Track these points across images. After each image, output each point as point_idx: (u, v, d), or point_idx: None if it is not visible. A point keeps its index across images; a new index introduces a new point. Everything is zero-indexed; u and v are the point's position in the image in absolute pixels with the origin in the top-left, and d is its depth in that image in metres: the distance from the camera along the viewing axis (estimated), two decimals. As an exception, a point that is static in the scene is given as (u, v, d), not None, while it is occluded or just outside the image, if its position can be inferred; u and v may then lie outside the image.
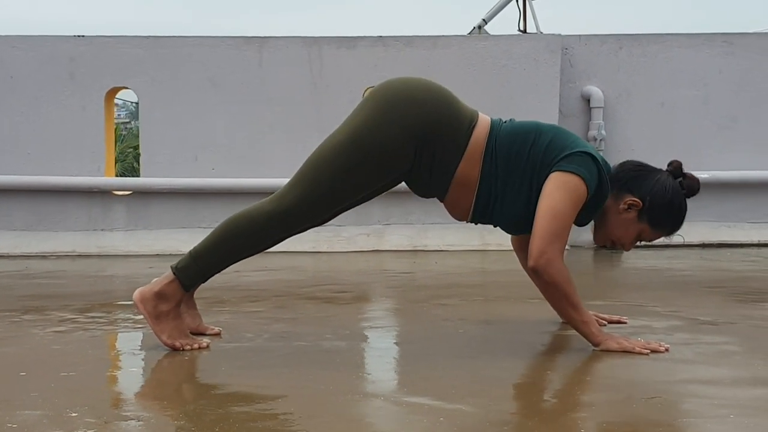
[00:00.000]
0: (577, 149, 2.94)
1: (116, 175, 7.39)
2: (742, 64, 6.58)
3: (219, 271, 3.06)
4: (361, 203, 3.23)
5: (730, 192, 6.56)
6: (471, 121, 3.02)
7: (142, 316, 3.07)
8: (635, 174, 3.11)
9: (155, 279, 3.02)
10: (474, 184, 3.00)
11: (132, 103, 22.50)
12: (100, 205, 6.53)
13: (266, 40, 6.53)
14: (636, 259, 5.81)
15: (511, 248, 3.58)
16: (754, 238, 6.50)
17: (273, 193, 3.09)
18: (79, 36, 6.55)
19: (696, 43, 6.60)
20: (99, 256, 6.27)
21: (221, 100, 6.54)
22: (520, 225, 3.07)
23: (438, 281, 4.97)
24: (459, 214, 3.15)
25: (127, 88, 6.67)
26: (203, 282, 3.07)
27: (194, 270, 3.00)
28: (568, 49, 6.62)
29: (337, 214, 3.19)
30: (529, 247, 2.88)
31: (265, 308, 3.93)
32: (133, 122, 30.10)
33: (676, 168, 3.20)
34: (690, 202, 3.14)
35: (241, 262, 3.09)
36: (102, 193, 6.51)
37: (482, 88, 6.40)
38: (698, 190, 3.18)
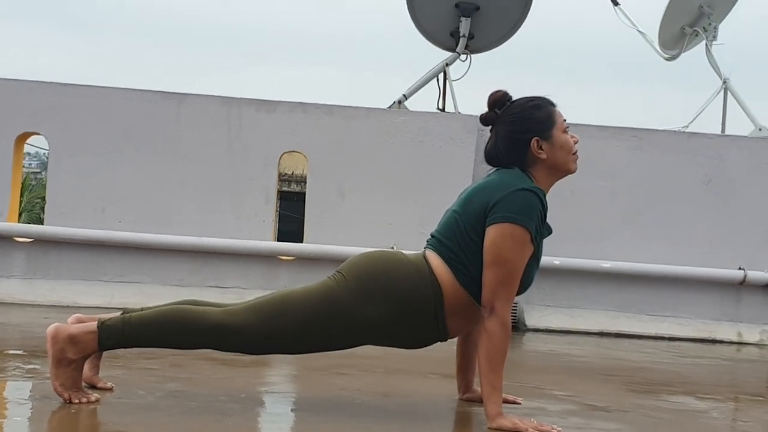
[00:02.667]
0: (501, 195, 2.98)
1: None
2: (650, 160, 6.75)
3: (139, 346, 2.97)
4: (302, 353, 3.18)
5: (631, 283, 6.67)
6: (428, 267, 3.06)
7: (31, 366, 2.97)
8: (502, 147, 3.19)
9: (78, 316, 2.93)
10: (468, 302, 3.03)
11: (45, 152, 22.12)
12: (0, 251, 6.35)
13: (185, 96, 6.50)
14: (537, 343, 5.85)
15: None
16: (652, 330, 6.61)
17: (179, 251, 3.04)
18: (-7, 78, 6.44)
19: (606, 135, 6.76)
20: (-7, 302, 6.08)
21: (134, 153, 6.46)
22: None
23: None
24: (468, 327, 3.19)
25: (38, 134, 6.55)
26: (121, 348, 2.97)
27: (119, 335, 2.91)
28: (483, 131, 6.72)
29: (272, 353, 3.14)
30: (482, 297, 2.94)
31: (161, 366, 3.84)
32: (43, 172, 29.58)
33: (487, 117, 3.29)
34: (591, 291, 3.22)
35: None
36: (2, 239, 6.34)
37: (399, 162, 6.45)
38: (503, 94, 3.25)
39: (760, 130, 7.52)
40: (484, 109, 3.30)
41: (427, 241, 3.19)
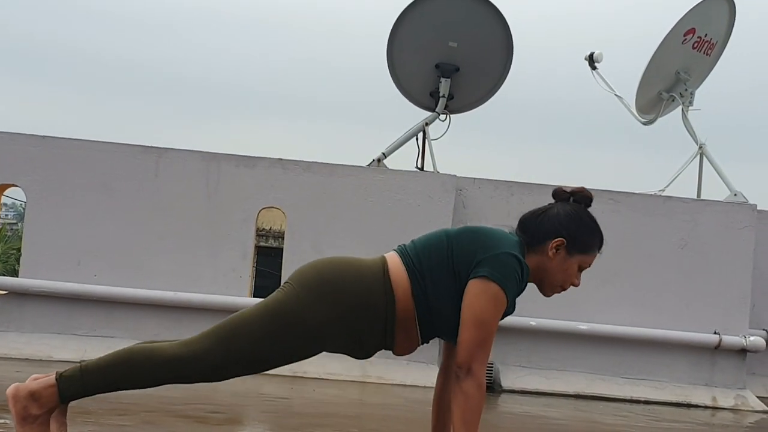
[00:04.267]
0: (496, 252, 2.99)
1: (-6, 273, 7.15)
2: (626, 222, 6.79)
3: (101, 392, 2.95)
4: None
5: (607, 345, 6.67)
6: (383, 270, 3.06)
7: (2, 421, 2.93)
8: (539, 220, 3.17)
9: (35, 375, 2.90)
10: (413, 315, 3.02)
11: (21, 203, 22.04)
12: (-27, 303, 6.29)
13: (165, 151, 6.51)
14: (512, 404, 5.83)
15: (390, 382, 3.58)
16: (627, 393, 6.60)
17: (155, 306, 3.02)
18: (-28, 129, 6.43)
19: (584, 197, 6.79)
20: (-36, 355, 6.01)
21: (112, 206, 6.44)
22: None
23: (314, 409, 4.89)
24: (409, 349, 3.17)
25: (15, 185, 6.53)
26: (84, 397, 2.94)
27: (78, 384, 2.88)
28: (462, 191, 6.76)
29: (236, 376, 3.12)
30: (456, 356, 2.92)
31: (133, 423, 3.80)
32: (20, 224, 29.42)
33: (560, 193, 3.30)
34: (566, 352, 3.22)
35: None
36: (-24, 290, 6.29)
37: (377, 219, 6.46)
38: (592, 197, 3.29)
39: (735, 195, 7.59)
40: (466, 173, 3.33)
41: (398, 246, 3.19)
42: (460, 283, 3.01)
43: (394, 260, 3.10)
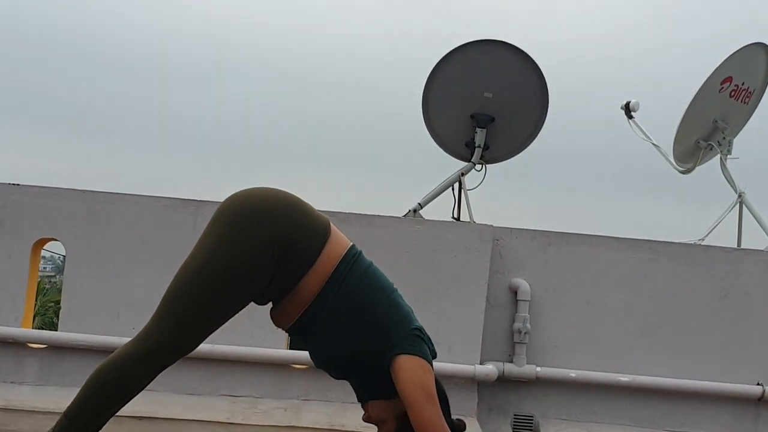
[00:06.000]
0: (411, 329, 2.96)
1: (34, 328, 7.18)
2: (666, 272, 6.72)
3: (99, 427, 2.93)
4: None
5: (649, 397, 6.58)
6: (324, 234, 2.99)
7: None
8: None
9: None
10: (308, 300, 2.93)
11: (59, 256, 22.25)
12: (13, 357, 6.32)
13: (202, 204, 6.54)
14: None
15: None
16: (671, 445, 6.50)
17: (193, 358, 3.00)
18: (13, 184, 6.49)
19: (623, 247, 6.75)
20: (5, 409, 6.02)
21: (150, 259, 6.46)
22: (330, 366, 3.01)
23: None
24: (279, 321, 3.08)
25: (55, 239, 6.59)
26: None
27: (69, 428, 2.87)
28: (498, 241, 6.73)
29: (204, 340, 3.07)
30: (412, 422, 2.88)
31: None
32: (58, 276, 29.65)
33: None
34: (607, 404, 3.16)
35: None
36: (16, 345, 6.32)
37: (413, 270, 6.44)
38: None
39: (775, 243, 7.51)
40: (503, 223, 3.32)
41: (359, 249, 3.13)
42: (363, 343, 2.94)
43: (340, 238, 3.05)
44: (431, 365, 2.96)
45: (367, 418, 3.15)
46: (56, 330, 6.58)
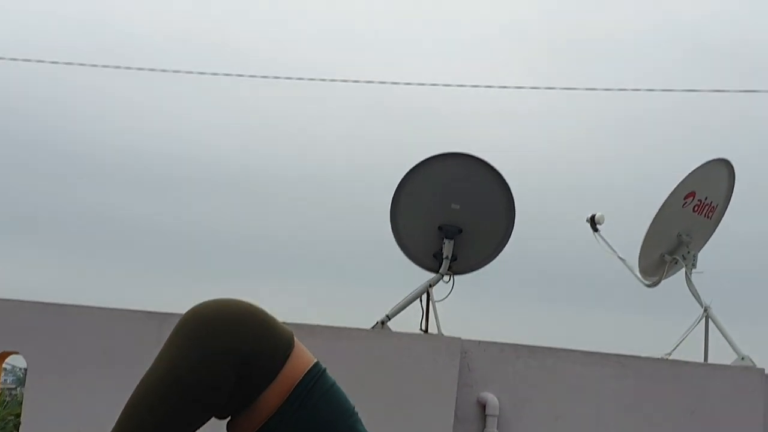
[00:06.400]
0: None
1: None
2: (634, 387, 6.70)
3: None
4: None
5: None
6: (287, 348, 2.91)
7: None
8: None
9: None
10: (266, 416, 2.83)
11: (20, 369, 21.88)
12: (-32, 473, 6.16)
13: (167, 316, 6.45)
14: None
15: None
16: None
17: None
18: (-25, 296, 6.43)
19: (590, 361, 6.73)
20: None
21: (113, 374, 6.34)
22: None
23: None
24: None
25: (17, 353, 6.49)
26: None
27: None
28: (467, 353, 6.69)
29: None
30: None
31: None
32: (18, 388, 29.10)
33: None
34: None
35: None
36: (-28, 460, 6.16)
37: (381, 384, 6.38)
38: None
39: (742, 359, 7.51)
40: (471, 336, 3.29)
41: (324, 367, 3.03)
42: None
43: (302, 357, 2.97)
44: None
45: None
46: (15, 445, 6.43)
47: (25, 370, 6.96)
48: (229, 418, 3.01)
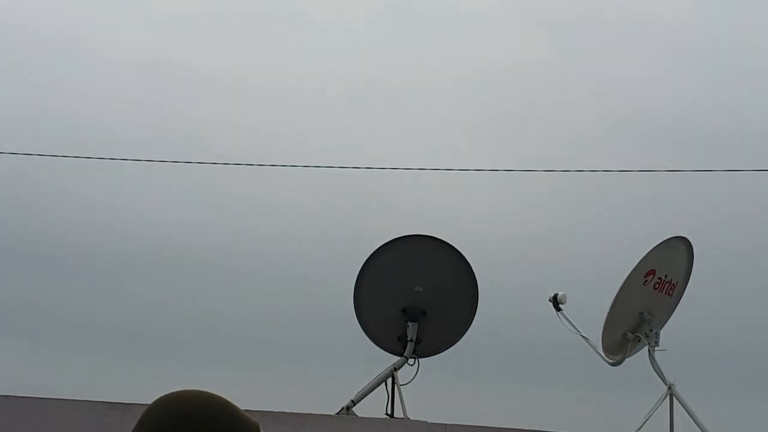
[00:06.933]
0: None
1: None
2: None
3: None
4: None
5: None
6: None
7: None
8: None
9: None
10: None
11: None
12: None
13: (129, 406, 6.38)
14: None
15: None
16: None
17: None
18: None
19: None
20: None
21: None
22: None
23: None
24: None
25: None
26: None
27: None
28: (434, 438, 6.65)
29: None
30: None
31: None
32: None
33: None
34: None
35: None
36: None
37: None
38: None
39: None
40: (437, 418, 3.25)
41: None
42: None
43: None
44: None
45: None
46: None
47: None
48: None
